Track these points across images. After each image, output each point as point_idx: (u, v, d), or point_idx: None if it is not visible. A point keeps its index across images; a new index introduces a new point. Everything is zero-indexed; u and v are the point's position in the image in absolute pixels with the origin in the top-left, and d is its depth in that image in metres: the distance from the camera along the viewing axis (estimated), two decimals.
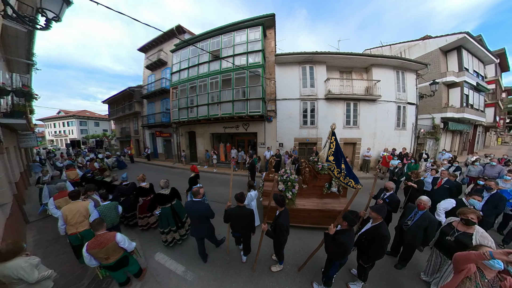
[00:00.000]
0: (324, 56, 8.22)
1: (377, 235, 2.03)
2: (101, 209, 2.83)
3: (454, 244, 2.03)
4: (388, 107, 8.69)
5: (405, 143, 8.99)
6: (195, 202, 2.69)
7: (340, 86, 8.58)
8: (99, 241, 2.08)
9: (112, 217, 2.88)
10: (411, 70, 8.98)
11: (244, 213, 2.58)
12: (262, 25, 7.88)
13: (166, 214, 3.19)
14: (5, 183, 3.77)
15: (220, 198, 5.60)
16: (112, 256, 2.18)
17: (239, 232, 2.69)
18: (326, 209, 3.65)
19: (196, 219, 2.72)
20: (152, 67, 12.80)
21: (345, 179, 3.74)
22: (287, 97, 8.57)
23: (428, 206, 2.51)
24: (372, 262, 2.19)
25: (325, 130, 8.48)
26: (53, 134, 35.52)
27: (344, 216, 1.97)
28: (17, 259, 1.72)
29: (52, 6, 2.40)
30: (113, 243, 2.15)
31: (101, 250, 2.07)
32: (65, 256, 3.22)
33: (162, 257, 3.15)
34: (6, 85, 4.56)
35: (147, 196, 3.81)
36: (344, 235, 1.96)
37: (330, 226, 2.08)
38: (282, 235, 2.28)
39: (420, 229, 2.42)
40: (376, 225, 2.13)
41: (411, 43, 12.32)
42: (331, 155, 3.83)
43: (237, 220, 2.60)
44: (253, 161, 5.96)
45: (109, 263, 2.18)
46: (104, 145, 21.24)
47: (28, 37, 5.32)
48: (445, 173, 4.02)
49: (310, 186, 4.05)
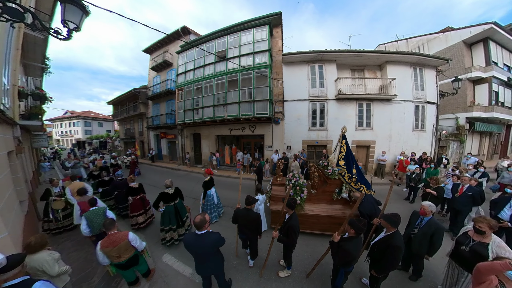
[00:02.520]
0: (334, 55, 8.26)
1: (389, 245, 2.05)
2: (88, 215, 2.91)
3: (469, 255, 2.02)
4: (405, 107, 8.53)
5: (425, 146, 8.75)
6: (198, 236, 2.00)
7: (352, 86, 8.55)
8: (112, 240, 2.27)
9: (100, 222, 2.89)
10: (430, 66, 8.77)
11: (250, 216, 2.70)
12: (269, 24, 8.09)
13: (169, 212, 3.51)
14: (22, 181, 4.18)
15: (224, 202, 5.77)
16: (124, 255, 2.37)
17: (245, 234, 2.83)
18: (335, 215, 3.70)
19: (202, 256, 2.10)
20: (158, 68, 13.41)
21: (356, 185, 3.76)
22: (295, 98, 8.67)
23: (431, 212, 2.53)
24: (385, 273, 2.21)
25: (336, 132, 8.46)
26: (60, 134, 37.73)
27: (351, 223, 2.01)
28: (42, 252, 1.93)
29: (74, 18, 2.74)
30: (125, 242, 2.35)
31: (114, 248, 2.25)
32: (77, 253, 3.52)
33: (170, 258, 3.35)
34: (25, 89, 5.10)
35: (137, 195, 4.20)
36: (350, 243, 2.00)
37: (334, 234, 2.12)
38: (296, 236, 2.39)
39: (426, 237, 2.44)
40: (389, 234, 2.15)
41: (430, 36, 12.01)
42: (342, 159, 3.87)
43: (243, 221, 2.75)
44: (260, 164, 6.10)
45: (120, 262, 2.36)
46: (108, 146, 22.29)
47: (44, 43, 5.87)
48: (466, 179, 3.93)
49: (319, 191, 4.11)
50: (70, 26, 2.74)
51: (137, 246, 2.47)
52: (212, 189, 4.48)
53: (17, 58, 4.47)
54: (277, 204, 4.07)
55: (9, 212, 2.63)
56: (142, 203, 4.30)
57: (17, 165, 3.93)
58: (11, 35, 4.09)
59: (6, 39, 3.48)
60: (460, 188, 3.96)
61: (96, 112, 38.34)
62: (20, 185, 3.94)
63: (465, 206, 3.78)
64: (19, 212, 3.34)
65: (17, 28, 4.32)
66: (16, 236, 2.69)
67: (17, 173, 3.91)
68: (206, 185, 4.33)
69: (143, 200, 4.36)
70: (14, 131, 4.12)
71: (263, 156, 9.13)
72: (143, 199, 4.35)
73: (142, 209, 4.26)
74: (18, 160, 4.07)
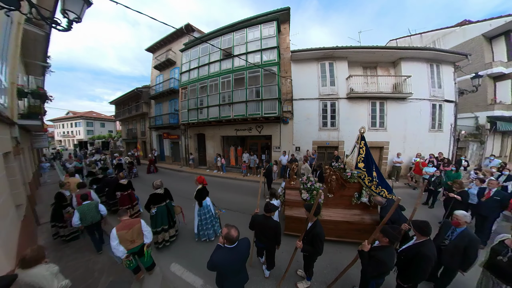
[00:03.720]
0: (346, 51, 8.01)
1: (417, 253, 1.95)
2: (81, 208, 3.24)
3: (507, 265, 1.94)
4: (420, 106, 8.20)
5: (442, 147, 8.37)
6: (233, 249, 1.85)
7: (364, 84, 8.27)
8: (126, 224, 2.55)
9: (92, 215, 3.30)
10: (447, 63, 8.42)
11: (269, 224, 2.53)
12: (277, 20, 7.89)
13: (161, 213, 3.58)
14: (20, 184, 4.02)
15: (232, 206, 5.55)
16: (137, 240, 2.60)
17: (263, 242, 2.64)
18: (355, 221, 3.53)
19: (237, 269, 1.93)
20: (161, 67, 13.33)
21: (377, 189, 3.59)
22: (305, 97, 8.41)
23: (466, 223, 2.35)
24: (411, 283, 2.08)
25: (347, 133, 8.20)
26: (62, 135, 38.26)
27: (384, 232, 1.89)
28: (39, 267, 1.77)
29: (74, 7, 2.55)
30: (138, 226, 2.62)
31: (129, 231, 2.51)
32: (77, 262, 3.34)
33: (178, 268, 3.16)
34: (24, 88, 4.98)
35: (125, 191, 4.67)
36: (384, 253, 1.87)
37: (363, 243, 1.99)
38: (322, 245, 2.25)
39: (458, 250, 2.28)
40: (419, 242, 2.05)
41: (446, 30, 11.60)
42: (361, 162, 3.70)
43: (261, 229, 2.58)
44: (270, 166, 5.86)
45: (135, 247, 2.58)
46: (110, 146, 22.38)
47: (45, 40, 5.75)
48: (493, 183, 3.77)
49: (337, 196, 3.96)
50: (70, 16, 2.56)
51: (146, 234, 2.69)
52: (207, 199, 3.88)
53: (16, 55, 4.33)
54: (292, 209, 3.88)
55: (3, 220, 2.44)
56: (129, 198, 4.70)
57: (14, 167, 3.78)
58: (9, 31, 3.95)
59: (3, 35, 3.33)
60: (486, 192, 3.77)
61: (98, 112, 38.75)
62: (17, 188, 3.78)
63: (493, 211, 3.67)
64: (15, 218, 3.15)
65: (16, 24, 4.19)
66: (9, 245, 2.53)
67: (14, 175, 3.75)
68: (199, 194, 3.74)
69: (130, 196, 4.76)
70: (12, 131, 3.97)
71: (270, 157, 8.87)
72: (130, 195, 4.76)
73: (128, 204, 4.61)
74: (15, 161, 3.92)
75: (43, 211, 5.57)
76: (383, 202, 3.20)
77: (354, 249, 3.59)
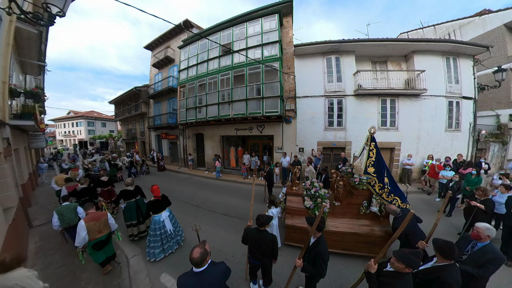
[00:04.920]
0: (353, 45, 7.75)
1: (437, 279, 1.70)
2: (59, 209, 3.39)
3: None
4: (436, 103, 7.83)
5: (460, 148, 7.97)
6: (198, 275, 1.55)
7: (373, 80, 7.98)
8: (94, 216, 2.92)
9: (70, 216, 3.41)
10: (466, 56, 8.00)
11: (264, 239, 2.33)
12: (279, 12, 7.72)
13: (130, 208, 3.95)
14: (12, 186, 4.02)
15: (230, 211, 5.42)
16: (104, 230, 2.98)
17: (258, 259, 2.43)
18: (363, 232, 3.30)
19: None
20: (159, 65, 13.39)
21: (388, 197, 3.33)
22: (309, 94, 8.20)
23: (489, 237, 2.11)
24: None
25: (355, 133, 7.94)
26: (63, 134, 39.32)
27: (401, 257, 1.56)
28: (20, 269, 1.77)
29: (56, 1, 2.48)
30: (105, 218, 3.04)
31: (96, 222, 2.88)
32: (65, 269, 3.29)
33: (169, 279, 3.05)
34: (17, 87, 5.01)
35: (105, 187, 5.37)
36: (400, 282, 1.59)
37: (369, 262, 1.75)
38: (325, 266, 1.99)
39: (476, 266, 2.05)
40: (440, 266, 1.80)
41: (463, 20, 11.08)
42: (371, 166, 3.44)
43: (255, 244, 2.37)
44: (271, 169, 5.70)
45: (102, 236, 2.94)
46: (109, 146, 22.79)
47: (39, 38, 5.80)
48: None
49: (343, 204, 3.72)
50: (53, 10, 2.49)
51: (112, 224, 3.12)
52: (163, 213, 3.46)
53: (8, 54, 4.35)
54: (294, 217, 3.68)
55: None
56: (109, 194, 5.35)
57: (5, 169, 3.78)
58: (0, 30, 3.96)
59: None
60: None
61: (99, 112, 39.58)
62: (7, 190, 3.79)
63: None
64: (1, 222, 3.13)
65: (7, 21, 4.21)
66: None
67: (4, 177, 3.76)
68: (152, 207, 3.42)
69: (110, 192, 5.43)
70: (3, 132, 3.98)
71: (272, 159, 8.70)
72: (110, 191, 5.44)
73: (108, 199, 5.16)
74: (6, 163, 3.92)
75: (38, 212, 5.64)
76: (397, 211, 2.96)
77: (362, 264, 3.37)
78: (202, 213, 5.42)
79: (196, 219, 5.06)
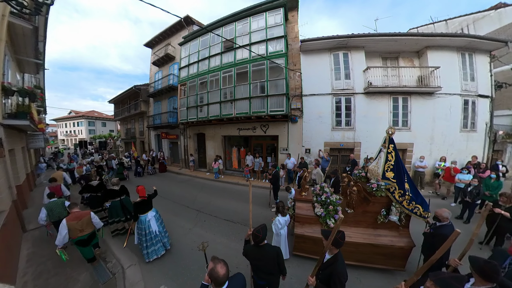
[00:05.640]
0: (363, 40, 7.47)
1: None
2: (48, 205, 3.70)
3: None
4: (450, 101, 7.52)
5: (476, 150, 7.66)
6: None
7: (384, 77, 7.69)
8: (76, 215, 3.04)
9: (59, 211, 3.73)
10: (482, 51, 7.66)
11: (266, 254, 2.06)
12: (284, 6, 7.48)
13: (115, 207, 4.24)
14: (4, 188, 3.87)
15: (234, 217, 5.21)
16: (86, 229, 3.09)
17: (263, 279, 2.15)
18: (380, 243, 3.07)
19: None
20: (159, 63, 13.25)
21: (409, 205, 3.05)
22: (316, 92, 7.94)
23: None
24: None
25: (365, 133, 7.68)
26: (64, 134, 39.73)
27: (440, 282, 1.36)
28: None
29: None
30: (88, 217, 3.13)
31: (78, 222, 2.99)
32: (57, 278, 3.15)
33: None
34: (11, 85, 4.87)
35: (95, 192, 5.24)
36: None
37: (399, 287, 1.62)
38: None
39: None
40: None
41: (478, 14, 10.71)
42: (390, 171, 3.13)
43: (257, 263, 2.09)
44: (276, 171, 5.46)
45: (83, 236, 3.05)
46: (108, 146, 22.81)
47: (34, 35, 5.65)
48: None
49: (358, 211, 3.46)
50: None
51: (96, 223, 3.26)
52: (149, 214, 3.51)
53: (1, 50, 4.20)
54: (304, 226, 3.46)
55: None
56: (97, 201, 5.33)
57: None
58: None
59: None
60: None
61: (99, 112, 39.91)
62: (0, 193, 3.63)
63: None
64: None
65: None
66: None
67: None
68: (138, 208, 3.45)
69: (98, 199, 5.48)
70: None
71: (277, 160, 8.47)
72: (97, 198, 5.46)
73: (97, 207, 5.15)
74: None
75: (33, 215, 5.48)
76: (448, 219, 2.67)
77: (378, 277, 3.14)
78: (203, 218, 5.23)
79: (197, 224, 4.87)
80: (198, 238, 4.16)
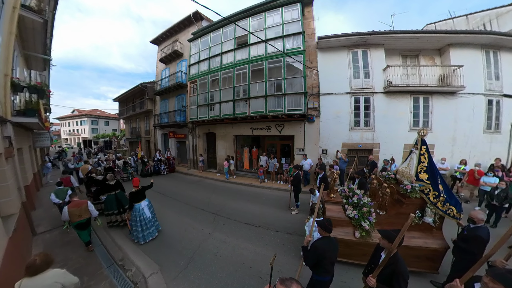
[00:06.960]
0: (383, 37, 7.19)
1: None
2: (55, 191, 4.69)
3: None
4: (474, 101, 7.21)
5: (500, 152, 7.34)
6: None
7: (403, 76, 7.39)
8: (76, 203, 3.69)
9: (62, 196, 4.65)
10: (508, 49, 7.32)
11: (335, 245, 2.17)
12: (301, 1, 7.20)
13: (110, 200, 4.69)
14: (13, 190, 3.64)
15: (254, 220, 4.95)
16: (84, 215, 3.69)
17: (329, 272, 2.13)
18: (414, 245, 3.03)
19: None
20: (167, 60, 12.99)
21: (444, 206, 3.03)
22: (334, 91, 7.66)
23: None
24: None
25: (384, 133, 7.40)
26: (68, 133, 39.63)
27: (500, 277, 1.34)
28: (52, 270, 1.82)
29: None
30: (85, 205, 3.75)
31: (77, 209, 3.62)
32: None
33: None
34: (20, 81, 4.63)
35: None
36: None
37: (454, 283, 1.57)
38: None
39: None
40: None
41: (501, 9, 10.24)
42: (424, 172, 3.15)
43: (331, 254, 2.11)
44: (298, 174, 5.19)
45: (81, 220, 3.65)
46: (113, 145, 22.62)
47: (44, 29, 5.42)
48: None
49: (391, 213, 3.37)
50: None
51: (92, 211, 3.84)
52: (142, 203, 4.15)
53: (10, 44, 3.93)
54: (335, 228, 3.26)
55: None
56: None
57: (5, 171, 3.40)
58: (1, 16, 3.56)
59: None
60: None
61: (102, 111, 39.73)
62: (8, 195, 3.41)
63: None
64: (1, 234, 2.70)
65: (10, 9, 3.81)
66: None
67: (5, 181, 3.38)
68: (133, 197, 4.08)
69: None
70: (4, 130, 3.58)
71: (292, 161, 8.19)
72: None
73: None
74: (7, 165, 3.52)
75: (42, 217, 5.31)
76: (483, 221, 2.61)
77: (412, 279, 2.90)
78: (222, 221, 4.97)
79: (216, 228, 4.61)
80: (220, 244, 3.94)
